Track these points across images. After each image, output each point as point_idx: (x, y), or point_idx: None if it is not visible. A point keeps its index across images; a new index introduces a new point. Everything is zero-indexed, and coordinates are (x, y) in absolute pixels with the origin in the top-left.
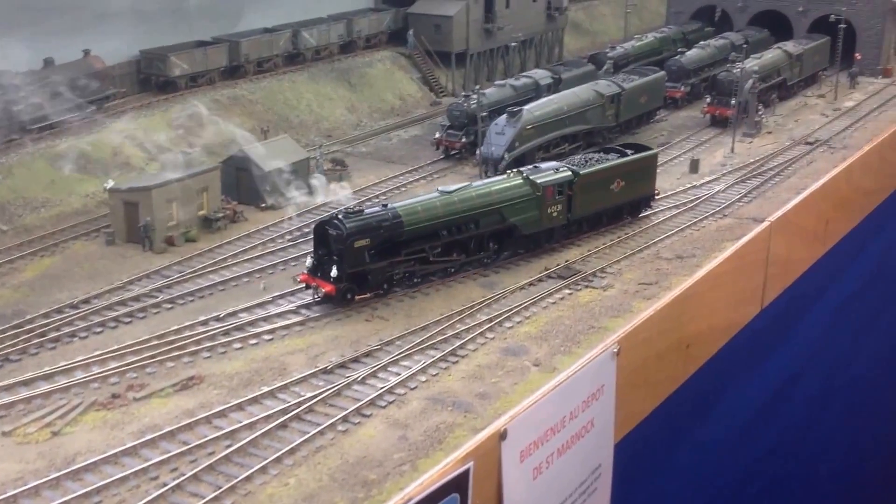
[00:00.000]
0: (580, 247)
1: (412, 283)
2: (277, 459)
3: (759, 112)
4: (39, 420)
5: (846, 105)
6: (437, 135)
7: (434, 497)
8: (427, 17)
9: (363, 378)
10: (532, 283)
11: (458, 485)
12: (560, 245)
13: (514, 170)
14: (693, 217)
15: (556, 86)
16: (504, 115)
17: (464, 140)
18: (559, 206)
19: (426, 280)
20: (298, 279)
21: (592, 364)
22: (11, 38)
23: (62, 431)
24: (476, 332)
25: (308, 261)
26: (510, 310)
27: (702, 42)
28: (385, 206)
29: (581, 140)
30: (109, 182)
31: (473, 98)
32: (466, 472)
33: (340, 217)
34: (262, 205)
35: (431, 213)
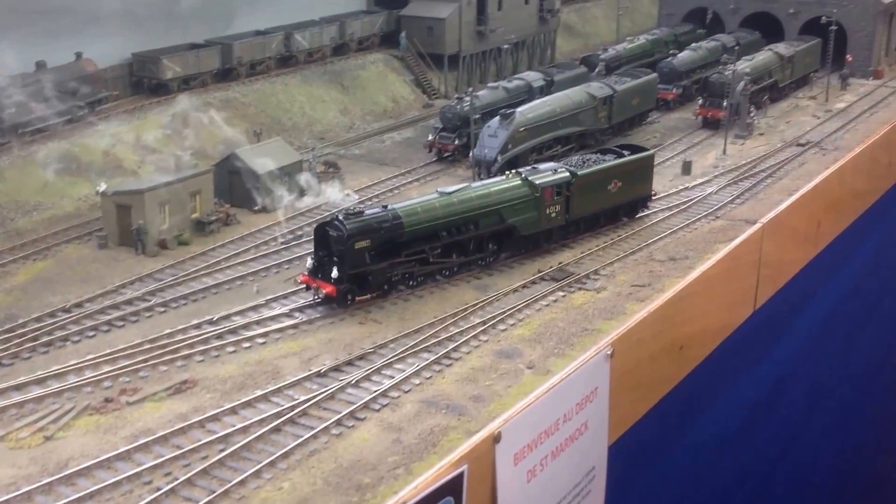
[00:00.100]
0: (573, 249)
1: (412, 284)
2: (271, 463)
3: (751, 114)
4: (32, 425)
5: (837, 107)
6: (430, 137)
7: (428, 500)
8: (419, 20)
9: (357, 381)
10: (525, 286)
11: (453, 488)
12: (553, 247)
13: (513, 171)
14: (686, 219)
15: (549, 88)
16: (497, 118)
17: (456, 142)
18: (557, 207)
19: (426, 281)
20: (299, 280)
21: (586, 366)
22: (3, 42)
23: (55, 436)
24: (470, 335)
25: (308, 262)
26: (504, 312)
27: (693, 44)
28: (385, 207)
29: (574, 142)
30: (102, 185)
31: (466, 100)
32: (461, 475)
33: (341, 218)
34: (255, 208)
35: (431, 214)
